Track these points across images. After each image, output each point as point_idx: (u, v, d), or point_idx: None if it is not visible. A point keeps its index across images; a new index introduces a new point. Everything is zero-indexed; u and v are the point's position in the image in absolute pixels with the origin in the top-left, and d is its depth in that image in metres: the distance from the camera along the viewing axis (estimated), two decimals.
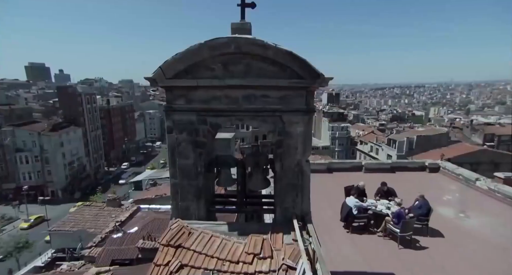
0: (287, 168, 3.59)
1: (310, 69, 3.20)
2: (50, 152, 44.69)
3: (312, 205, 3.86)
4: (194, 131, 3.52)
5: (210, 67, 3.32)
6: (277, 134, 3.55)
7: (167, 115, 3.50)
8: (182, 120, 3.48)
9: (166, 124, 3.56)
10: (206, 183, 3.83)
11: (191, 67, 3.28)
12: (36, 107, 62.78)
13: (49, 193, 45.09)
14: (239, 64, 3.32)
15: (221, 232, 3.64)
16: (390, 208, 6.88)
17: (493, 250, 6.14)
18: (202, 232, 3.59)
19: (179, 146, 3.56)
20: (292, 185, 3.63)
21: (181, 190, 3.69)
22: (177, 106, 3.44)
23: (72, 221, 14.42)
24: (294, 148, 3.52)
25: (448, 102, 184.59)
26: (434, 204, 7.19)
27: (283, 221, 3.70)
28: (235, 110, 3.46)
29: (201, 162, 3.65)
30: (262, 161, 3.80)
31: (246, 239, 3.49)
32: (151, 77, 3.22)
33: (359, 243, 6.47)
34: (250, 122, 3.58)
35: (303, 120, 3.44)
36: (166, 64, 3.19)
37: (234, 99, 3.42)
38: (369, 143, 48.73)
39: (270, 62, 3.26)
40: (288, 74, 3.29)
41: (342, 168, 11.23)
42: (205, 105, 3.43)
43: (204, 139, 3.59)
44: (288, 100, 3.40)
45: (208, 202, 3.98)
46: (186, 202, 3.73)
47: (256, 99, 3.41)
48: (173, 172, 3.68)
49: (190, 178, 3.65)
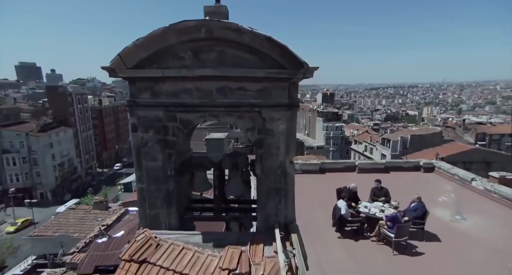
0: (269, 170, 3.18)
1: (292, 58, 2.79)
2: (39, 153, 43.53)
3: (304, 207, 3.48)
4: (162, 129, 3.09)
5: (178, 56, 2.89)
6: (256, 133, 3.14)
7: (131, 111, 3.05)
8: (148, 116, 3.04)
9: (130, 122, 3.12)
10: (178, 188, 3.40)
11: (156, 55, 2.84)
12: (25, 107, 61.29)
13: (38, 195, 43.92)
14: (211, 52, 2.90)
15: (195, 243, 3.22)
16: (384, 211, 6.53)
17: (492, 253, 5.84)
18: (172, 244, 3.16)
19: (145, 146, 3.12)
20: (274, 189, 3.23)
21: (149, 195, 3.25)
22: (142, 100, 3.00)
23: (55, 225, 13.80)
24: (276, 147, 3.12)
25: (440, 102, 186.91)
26: (429, 205, 6.88)
27: (265, 229, 3.29)
28: (208, 105, 3.04)
29: (171, 163, 3.22)
30: (241, 163, 3.39)
31: (223, 251, 3.08)
32: (109, 67, 2.78)
33: (351, 248, 6.11)
34: (225, 119, 3.16)
35: (286, 116, 3.04)
36: (126, 52, 2.75)
37: (206, 92, 3.00)
38: (364, 143, 48.72)
39: (247, 50, 2.85)
40: (267, 63, 2.88)
41: (335, 168, 10.90)
42: (174, 99, 3.00)
43: (173, 138, 3.16)
44: (268, 94, 2.99)
45: (182, 208, 3.55)
46: (154, 209, 3.29)
47: (232, 93, 3.00)
48: (139, 175, 3.24)
49: (159, 182, 3.22)
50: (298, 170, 10.77)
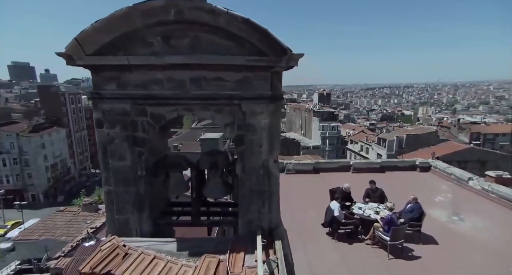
0: (250, 170, 2.86)
1: (274, 43, 2.48)
2: (30, 153, 42.66)
3: (297, 208, 3.19)
4: (130, 125, 2.75)
5: (146, 41, 2.56)
6: (236, 128, 2.82)
7: (95, 104, 2.70)
8: (113, 110, 2.70)
9: (94, 116, 2.78)
10: (151, 190, 3.07)
11: (120, 40, 2.50)
12: (17, 107, 60.20)
13: (29, 197, 43.03)
14: (184, 38, 2.56)
15: (168, 251, 2.89)
16: (379, 213, 6.24)
17: (492, 257, 5.58)
18: (142, 253, 2.82)
19: (112, 143, 2.78)
20: (257, 192, 2.91)
21: (117, 199, 2.91)
22: (106, 92, 2.66)
23: (41, 229, 13.30)
24: (258, 145, 2.80)
25: (435, 102, 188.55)
26: (426, 206, 6.62)
27: (247, 236, 2.97)
28: (181, 98, 2.70)
29: (141, 163, 2.88)
30: (221, 162, 3.06)
31: (199, 260, 2.76)
32: (65, 53, 2.43)
33: (345, 252, 5.81)
34: (201, 114, 2.84)
35: (268, 110, 2.72)
36: (84, 35, 2.41)
37: (179, 83, 2.67)
38: (360, 142, 48.69)
39: (224, 35, 2.53)
40: (247, 50, 2.56)
41: (329, 168, 10.62)
42: (142, 91, 2.66)
43: (144, 134, 2.82)
44: (249, 85, 2.67)
45: (157, 213, 3.22)
46: (124, 214, 2.95)
47: (208, 83, 2.67)
48: (106, 176, 2.89)
49: (128, 184, 2.87)
50: (291, 170, 10.49)
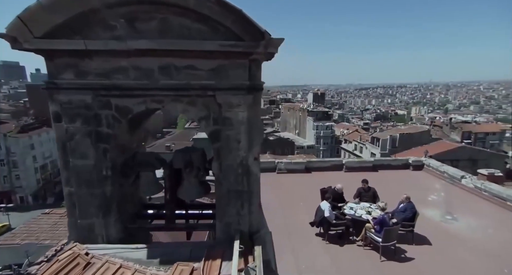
0: (228, 169, 2.60)
1: (250, 26, 2.22)
2: (19, 154, 41.56)
3: (287, 209, 2.94)
4: (93, 119, 2.46)
5: (108, 24, 2.27)
6: (212, 122, 2.56)
7: (50, 95, 2.42)
8: (72, 102, 2.41)
9: (50, 109, 2.48)
10: (121, 191, 2.78)
11: (76, 22, 2.21)
12: (5, 107, 58.79)
13: (17, 199, 41.93)
14: (151, 21, 2.29)
15: (137, 259, 2.61)
16: (371, 213, 6.04)
17: (486, 257, 5.43)
18: (107, 261, 2.53)
19: (72, 139, 2.48)
20: (235, 192, 2.64)
21: (80, 202, 2.61)
22: (63, 82, 2.36)
23: (25, 232, 12.75)
24: (236, 140, 2.54)
25: (428, 102, 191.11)
26: (419, 205, 6.45)
27: (226, 240, 2.70)
28: (149, 88, 2.42)
29: (107, 162, 2.59)
30: (196, 160, 2.79)
31: (170, 269, 2.48)
32: (8, 34, 2.12)
33: (336, 254, 5.59)
34: (173, 106, 2.56)
35: (247, 102, 2.46)
36: (29, 14, 2.09)
37: (147, 71, 2.39)
38: (354, 142, 48.83)
39: (195, 17, 2.26)
40: (221, 34, 2.30)
41: (321, 167, 10.41)
42: (105, 80, 2.38)
43: (109, 130, 2.53)
44: (224, 74, 2.41)
45: (126, 216, 2.93)
46: (87, 219, 2.65)
47: (179, 72, 2.40)
48: (66, 176, 2.60)
49: (92, 185, 2.58)
50: (283, 170, 10.26)
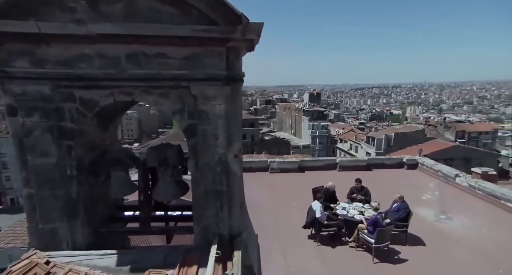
0: (205, 167, 2.38)
1: (225, 9, 2.00)
2: (9, 155, 40.66)
3: (279, 210, 2.74)
4: (54, 113, 2.21)
5: (67, 6, 2.03)
6: (187, 116, 2.34)
7: (2, 85, 2.16)
8: (28, 94, 2.15)
9: (3, 101, 2.22)
10: (89, 192, 2.54)
11: (30, 2, 1.97)
12: None
13: (7, 201, 41.08)
14: (116, 3, 2.05)
15: (105, 267, 2.37)
16: (364, 213, 5.87)
17: (481, 258, 5.29)
18: (71, 271, 2.29)
19: (29, 135, 2.23)
20: (213, 193, 2.43)
21: (41, 204, 2.36)
22: (16, 70, 2.10)
23: (10, 236, 12.34)
24: (213, 136, 2.32)
25: (422, 102, 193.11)
26: (412, 204, 6.31)
27: (204, 245, 2.48)
28: (116, 78, 2.18)
29: (71, 160, 2.34)
30: (171, 158, 2.56)
31: None
32: None
33: (327, 256, 5.41)
34: (144, 99, 2.33)
35: (224, 94, 2.25)
36: None
37: (113, 60, 2.15)
38: (349, 141, 48.91)
39: (165, 0, 2.04)
40: (194, 19, 2.07)
41: (315, 167, 10.24)
42: (66, 69, 2.13)
43: (73, 125, 2.29)
44: (199, 62, 2.19)
45: (96, 219, 2.68)
46: (50, 223, 2.40)
47: (149, 61, 2.17)
48: (25, 176, 2.35)
49: (54, 186, 2.33)
50: (276, 169, 10.06)
